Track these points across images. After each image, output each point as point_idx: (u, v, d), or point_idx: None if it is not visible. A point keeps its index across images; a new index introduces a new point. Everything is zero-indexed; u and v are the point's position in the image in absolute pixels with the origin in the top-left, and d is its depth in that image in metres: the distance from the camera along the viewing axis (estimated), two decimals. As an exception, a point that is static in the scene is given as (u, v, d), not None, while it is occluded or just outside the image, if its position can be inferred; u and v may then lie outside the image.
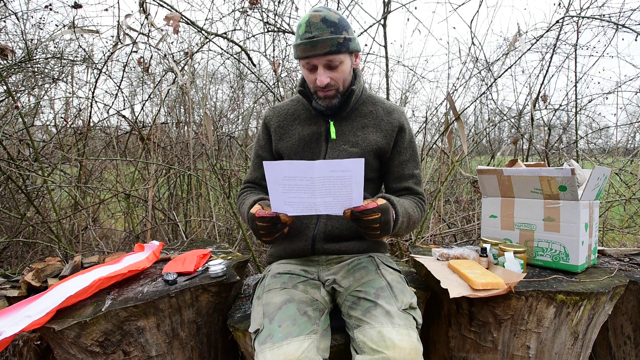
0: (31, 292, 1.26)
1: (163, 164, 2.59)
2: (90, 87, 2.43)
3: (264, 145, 1.28)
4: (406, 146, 1.22)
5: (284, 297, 1.01)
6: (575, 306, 1.14)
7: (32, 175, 2.34)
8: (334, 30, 1.03)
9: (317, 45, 1.02)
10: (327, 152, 1.18)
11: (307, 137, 1.19)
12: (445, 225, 2.74)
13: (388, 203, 0.97)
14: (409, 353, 0.85)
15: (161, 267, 1.41)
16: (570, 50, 2.58)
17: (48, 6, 2.33)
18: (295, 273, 1.13)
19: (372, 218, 0.91)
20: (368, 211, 0.90)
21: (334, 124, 1.18)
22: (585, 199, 1.29)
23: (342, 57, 1.06)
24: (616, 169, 2.75)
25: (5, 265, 2.43)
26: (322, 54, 1.03)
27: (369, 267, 1.12)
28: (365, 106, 1.22)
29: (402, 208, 1.05)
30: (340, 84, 1.11)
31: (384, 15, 2.22)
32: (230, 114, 3.43)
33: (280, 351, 0.86)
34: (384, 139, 1.18)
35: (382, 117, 1.20)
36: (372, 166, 1.20)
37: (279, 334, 0.89)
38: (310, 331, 0.91)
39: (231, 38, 2.35)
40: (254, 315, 1.02)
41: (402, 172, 1.22)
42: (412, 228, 1.15)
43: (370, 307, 0.96)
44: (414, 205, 1.15)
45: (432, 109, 3.24)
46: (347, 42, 1.05)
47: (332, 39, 1.02)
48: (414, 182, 1.22)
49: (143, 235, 2.36)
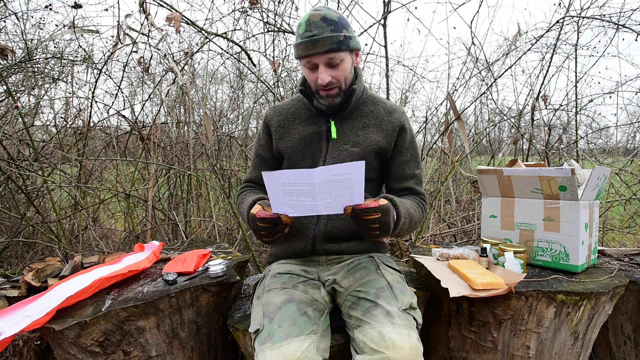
0: (31, 292, 1.26)
1: (163, 164, 2.59)
2: (90, 87, 2.43)
3: (265, 145, 1.27)
4: (407, 146, 1.22)
5: (284, 297, 1.01)
6: (575, 306, 1.14)
7: (32, 175, 2.34)
8: (334, 29, 1.03)
9: (317, 44, 1.02)
10: (327, 151, 1.18)
11: (307, 136, 1.19)
12: (445, 225, 2.74)
13: (390, 204, 0.96)
14: (409, 353, 0.85)
15: (161, 267, 1.41)
16: (571, 50, 2.58)
17: (48, 6, 2.33)
18: (296, 273, 1.13)
19: (372, 217, 0.90)
20: (369, 210, 0.89)
21: (334, 124, 1.18)
22: (585, 199, 1.29)
23: (342, 55, 1.06)
24: (616, 169, 2.74)
25: (5, 265, 2.43)
26: (323, 52, 1.03)
27: (369, 267, 1.12)
28: (366, 106, 1.22)
29: (405, 209, 1.04)
30: (342, 82, 1.11)
31: (384, 15, 2.22)
32: (230, 114, 3.43)
33: (280, 351, 0.86)
34: (384, 138, 1.18)
35: (383, 117, 1.20)
36: (373, 166, 1.20)
37: (279, 334, 0.89)
38: (310, 331, 0.91)
39: (231, 38, 2.35)
40: (254, 316, 1.02)
41: (403, 172, 1.21)
42: (413, 229, 1.15)
43: (370, 307, 0.96)
44: (415, 206, 1.15)
45: (432, 109, 3.24)
46: (347, 40, 1.05)
47: (332, 37, 1.02)
48: (415, 182, 1.22)
49: (143, 235, 2.36)
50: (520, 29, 2.38)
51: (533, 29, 3.89)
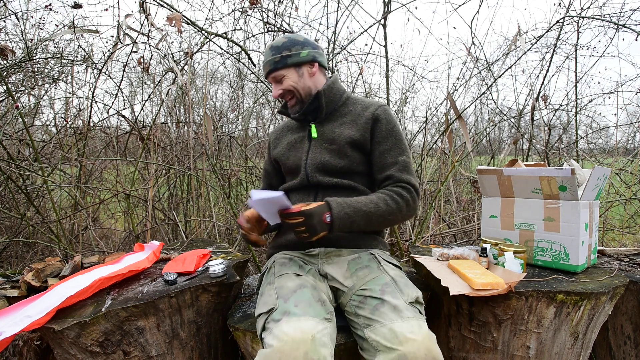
0: (31, 292, 1.26)
1: (163, 164, 2.59)
2: (90, 87, 2.43)
3: (267, 159, 1.47)
4: (385, 135, 1.24)
5: (297, 282, 1.03)
6: (575, 306, 1.14)
7: (32, 175, 2.34)
8: (274, 53, 1.23)
9: (264, 66, 1.26)
10: (309, 149, 1.28)
11: (293, 140, 1.34)
12: (445, 225, 2.74)
13: (321, 207, 1.04)
14: (422, 343, 0.85)
15: (161, 267, 1.41)
16: (571, 50, 2.58)
17: (48, 6, 2.33)
18: (302, 262, 1.17)
19: (296, 222, 1.00)
20: (291, 214, 1.00)
21: (315, 126, 1.29)
22: (585, 199, 1.29)
23: (282, 72, 1.23)
24: (616, 169, 2.74)
25: (5, 265, 2.43)
26: (267, 74, 1.26)
27: (371, 265, 1.13)
28: (346, 107, 1.31)
29: (350, 209, 1.08)
30: (296, 92, 1.25)
31: (384, 15, 2.22)
32: (230, 114, 3.43)
33: (298, 324, 0.85)
34: (357, 131, 1.24)
35: (360, 113, 1.27)
36: (355, 159, 1.24)
37: (297, 311, 0.90)
38: (324, 318, 0.92)
39: (231, 38, 2.35)
40: (265, 299, 1.00)
41: (384, 162, 1.23)
42: (382, 223, 1.15)
43: (377, 305, 0.96)
44: (379, 200, 1.14)
45: (432, 109, 3.24)
46: (284, 59, 1.22)
47: (270, 60, 1.23)
48: (397, 169, 1.21)
49: (143, 235, 2.36)
50: (520, 29, 2.38)
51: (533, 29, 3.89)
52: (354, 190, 1.24)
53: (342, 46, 2.43)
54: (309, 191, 1.26)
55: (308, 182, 1.26)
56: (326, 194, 1.22)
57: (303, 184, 1.27)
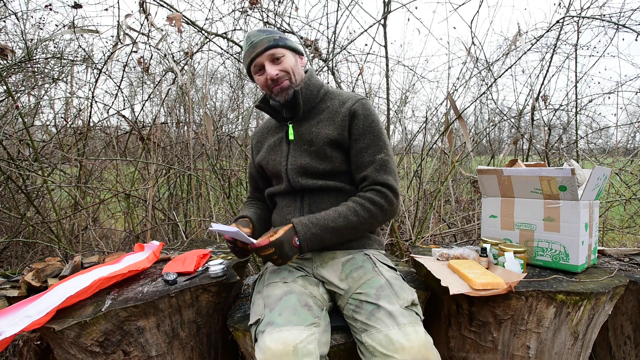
0: (31, 292, 1.26)
1: (163, 164, 2.59)
2: (90, 87, 2.43)
3: (251, 163, 1.41)
4: (362, 132, 1.15)
5: (284, 289, 1.03)
6: (575, 306, 1.14)
7: (32, 175, 2.34)
8: (268, 33, 1.17)
9: (257, 45, 1.15)
10: (289, 153, 1.22)
11: (272, 143, 1.28)
12: (445, 225, 2.74)
13: (285, 235, 1.02)
14: (418, 351, 0.85)
15: (161, 267, 1.41)
16: (571, 50, 2.58)
17: (48, 6, 2.33)
18: (294, 267, 1.16)
19: (268, 253, 1.00)
20: (261, 248, 0.99)
21: (292, 127, 1.22)
22: (585, 199, 1.29)
23: (282, 51, 1.16)
24: (616, 169, 2.74)
25: (5, 265, 2.43)
26: (263, 50, 1.14)
27: (366, 265, 1.12)
28: (324, 102, 1.24)
29: (315, 228, 1.06)
30: (292, 75, 1.17)
31: (384, 15, 2.22)
32: (230, 114, 3.43)
33: (279, 335, 0.86)
34: (335, 130, 1.16)
35: (337, 109, 1.19)
36: (337, 159, 1.17)
37: (279, 321, 0.90)
38: (311, 323, 0.92)
39: (231, 38, 2.35)
40: (255, 309, 1.03)
41: (361, 160, 1.16)
42: (356, 233, 1.14)
43: (373, 310, 0.96)
44: (349, 212, 1.09)
45: (432, 109, 3.24)
46: (282, 39, 1.17)
47: (267, 37, 1.15)
48: (374, 169, 1.14)
49: (143, 235, 2.36)
50: (520, 29, 2.38)
51: (533, 29, 3.88)
52: (340, 191, 1.19)
53: (342, 46, 2.43)
54: (294, 196, 1.22)
55: (292, 187, 1.21)
56: (313, 197, 1.19)
57: (287, 189, 1.22)
